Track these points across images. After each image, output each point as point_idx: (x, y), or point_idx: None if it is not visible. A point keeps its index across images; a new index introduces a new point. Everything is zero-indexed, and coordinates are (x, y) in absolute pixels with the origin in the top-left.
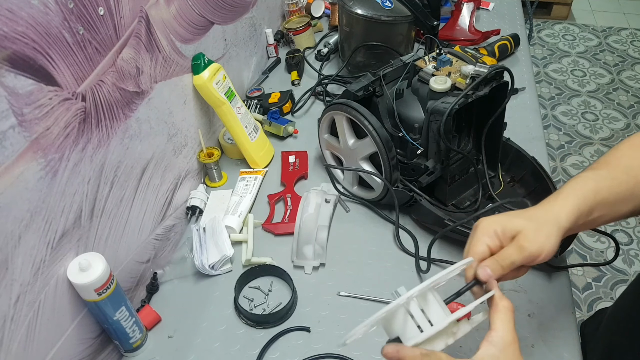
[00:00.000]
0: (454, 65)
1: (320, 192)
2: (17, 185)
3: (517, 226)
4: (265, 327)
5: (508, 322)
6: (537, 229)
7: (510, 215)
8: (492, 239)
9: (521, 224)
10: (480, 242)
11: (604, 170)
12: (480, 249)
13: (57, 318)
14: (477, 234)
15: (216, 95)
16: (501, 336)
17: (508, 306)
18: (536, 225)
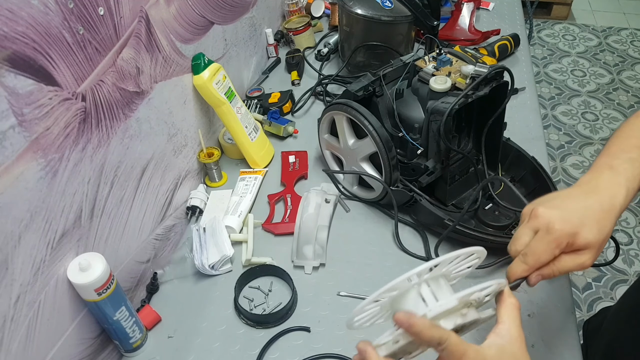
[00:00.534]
0: (454, 65)
1: (320, 192)
2: (17, 185)
3: (590, 240)
4: (265, 327)
5: (515, 318)
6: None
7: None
8: (560, 249)
9: (591, 238)
10: (548, 252)
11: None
12: (545, 259)
13: (57, 318)
14: (547, 239)
15: (216, 95)
16: (507, 329)
17: (515, 303)
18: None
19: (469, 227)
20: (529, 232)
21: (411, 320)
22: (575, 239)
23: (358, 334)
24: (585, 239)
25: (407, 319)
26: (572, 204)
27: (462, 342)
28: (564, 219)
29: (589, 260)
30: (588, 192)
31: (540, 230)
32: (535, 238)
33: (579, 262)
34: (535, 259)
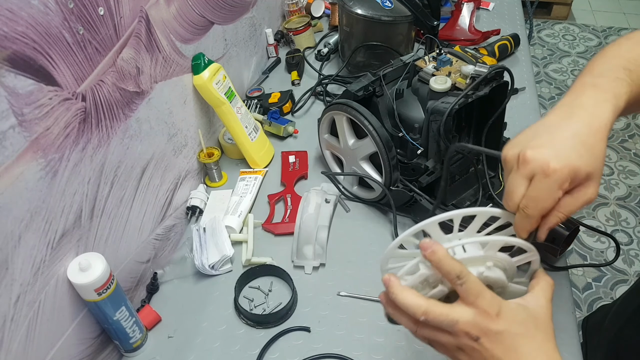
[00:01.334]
0: (454, 65)
1: (320, 192)
2: (17, 185)
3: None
4: (266, 327)
5: (545, 291)
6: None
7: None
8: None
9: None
10: (552, 197)
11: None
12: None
13: (57, 318)
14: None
15: (216, 95)
16: (535, 297)
17: (549, 281)
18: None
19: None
20: (523, 180)
21: (435, 247)
22: (577, 174)
23: (358, 334)
24: (586, 170)
25: (430, 244)
26: (560, 135)
27: (480, 283)
28: (558, 157)
29: (594, 191)
30: (572, 116)
31: (536, 176)
32: (532, 186)
33: (585, 199)
34: (539, 209)
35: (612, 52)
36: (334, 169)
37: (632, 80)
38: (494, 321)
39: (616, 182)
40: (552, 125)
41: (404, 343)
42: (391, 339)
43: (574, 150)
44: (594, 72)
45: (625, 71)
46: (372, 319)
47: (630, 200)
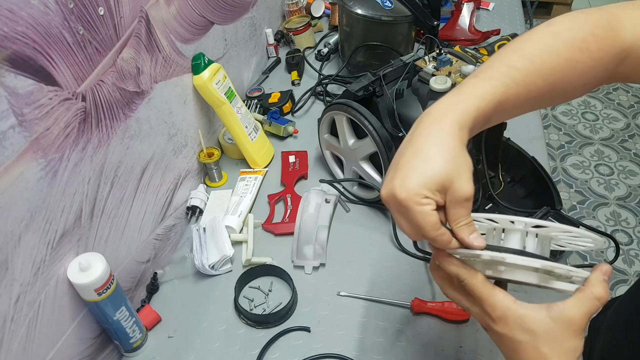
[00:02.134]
0: (454, 65)
1: (320, 192)
2: (17, 185)
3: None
4: (266, 327)
5: (584, 305)
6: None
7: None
8: (430, 204)
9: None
10: (428, 214)
11: (521, 73)
12: (432, 220)
13: (57, 318)
14: (414, 210)
15: (216, 95)
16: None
17: (597, 294)
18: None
19: None
20: (397, 216)
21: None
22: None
23: (358, 334)
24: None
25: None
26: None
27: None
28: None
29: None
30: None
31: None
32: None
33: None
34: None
35: (504, 49)
36: (334, 169)
37: (512, 79)
38: (495, 323)
39: (616, 182)
40: (397, 154)
41: (404, 343)
42: (391, 339)
43: (415, 169)
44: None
45: (506, 69)
46: (372, 319)
47: (630, 200)
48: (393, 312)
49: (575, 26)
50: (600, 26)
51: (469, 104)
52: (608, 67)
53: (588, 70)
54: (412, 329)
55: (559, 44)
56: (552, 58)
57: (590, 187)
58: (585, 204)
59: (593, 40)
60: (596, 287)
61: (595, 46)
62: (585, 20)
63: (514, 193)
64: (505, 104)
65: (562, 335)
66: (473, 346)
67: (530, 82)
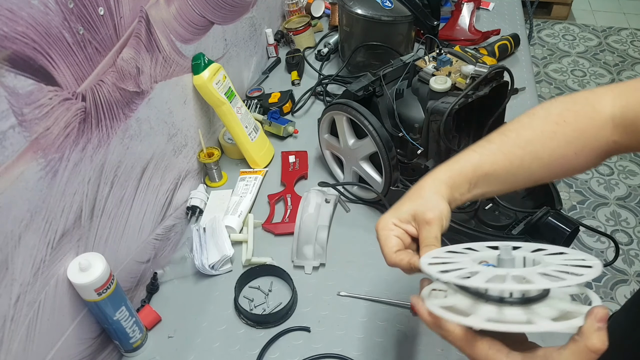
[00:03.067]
0: (454, 65)
1: (320, 192)
2: (17, 185)
3: (409, 209)
4: (266, 327)
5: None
6: (424, 203)
7: (398, 204)
8: (396, 230)
9: (411, 206)
10: (388, 238)
11: (496, 144)
12: (391, 242)
13: (57, 318)
14: (380, 235)
15: (216, 95)
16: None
17: (592, 347)
18: (422, 201)
19: (469, 227)
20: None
21: (418, 308)
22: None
23: (358, 334)
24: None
25: (417, 304)
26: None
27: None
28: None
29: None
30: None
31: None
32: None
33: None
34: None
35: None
36: (334, 169)
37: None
38: None
39: (616, 182)
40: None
41: (404, 343)
42: (391, 339)
43: (395, 207)
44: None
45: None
46: (372, 319)
47: (630, 200)
48: (393, 312)
49: (552, 105)
50: (577, 101)
51: (445, 166)
52: (597, 137)
53: (572, 139)
54: (412, 329)
55: (534, 120)
56: (527, 131)
57: (590, 187)
58: (585, 204)
59: (568, 114)
60: (590, 340)
61: (572, 118)
62: (561, 100)
63: (514, 193)
64: (482, 169)
65: None
66: None
67: (507, 151)
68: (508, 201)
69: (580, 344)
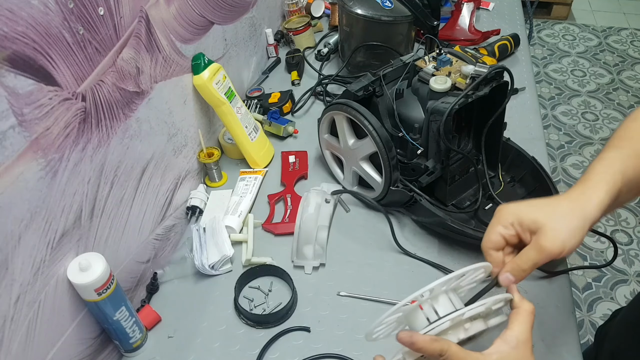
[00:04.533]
0: (454, 65)
1: (320, 192)
2: (17, 185)
3: (537, 221)
4: (265, 327)
5: (525, 323)
6: (559, 227)
7: (532, 205)
8: (508, 229)
9: (541, 219)
10: (495, 231)
11: (627, 148)
12: (494, 238)
13: (57, 318)
14: (493, 222)
15: (216, 95)
16: (515, 335)
17: (528, 309)
18: (558, 222)
19: (469, 227)
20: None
21: (413, 339)
22: (520, 217)
23: (358, 334)
24: (532, 216)
25: (409, 337)
26: (533, 199)
27: (462, 351)
28: (511, 204)
29: (542, 239)
30: (552, 199)
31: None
32: None
33: (535, 246)
34: (484, 240)
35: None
36: (334, 169)
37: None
38: None
39: None
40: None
41: None
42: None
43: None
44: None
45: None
46: (372, 319)
47: None
48: None
49: None
50: None
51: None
52: None
53: None
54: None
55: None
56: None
57: None
58: None
59: None
60: (524, 304)
61: None
62: None
63: (514, 193)
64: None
65: (527, 356)
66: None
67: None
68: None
69: (521, 310)
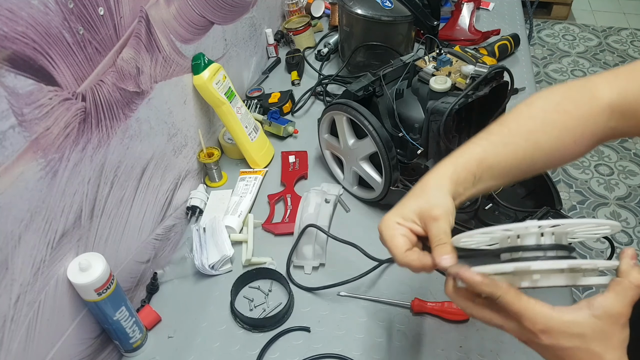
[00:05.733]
0: (454, 65)
1: (320, 192)
2: (17, 185)
3: (413, 207)
4: (262, 330)
5: (623, 295)
6: (429, 199)
7: (401, 203)
8: (401, 229)
9: (415, 203)
10: (395, 237)
11: (498, 136)
12: (399, 242)
13: (57, 318)
14: (385, 235)
15: (216, 95)
16: (605, 304)
17: (635, 281)
18: (427, 198)
19: (469, 227)
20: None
21: (460, 273)
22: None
23: (358, 334)
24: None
25: (456, 269)
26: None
27: (519, 300)
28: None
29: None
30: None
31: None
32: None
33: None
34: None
35: None
36: (334, 169)
37: (489, 141)
38: (537, 337)
39: (616, 182)
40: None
41: (404, 343)
42: (391, 339)
43: (398, 205)
44: None
45: (485, 135)
46: (372, 319)
47: (630, 200)
48: (393, 312)
49: (550, 94)
50: (574, 89)
51: (449, 161)
52: (596, 123)
53: (572, 127)
54: (412, 329)
55: (532, 109)
56: (528, 121)
57: (590, 187)
58: (585, 204)
59: (567, 102)
60: (632, 274)
61: (572, 106)
62: (558, 88)
63: (514, 193)
64: (486, 161)
65: (612, 331)
66: (473, 346)
67: (510, 142)
68: (508, 201)
69: (624, 281)
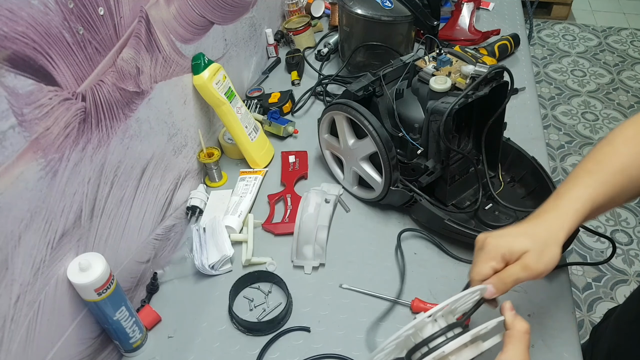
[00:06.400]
0: (454, 65)
1: (320, 192)
2: (17, 185)
3: (524, 247)
4: (258, 334)
5: (519, 344)
6: (542, 250)
7: (514, 234)
8: (499, 263)
9: (527, 245)
10: (487, 266)
11: (600, 173)
12: (485, 272)
13: (57, 318)
14: (483, 256)
15: (216, 95)
16: (508, 358)
17: (522, 329)
18: (541, 246)
19: (469, 227)
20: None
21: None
22: (512, 249)
23: (358, 334)
24: (519, 245)
25: None
26: (511, 229)
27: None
28: (495, 236)
29: (529, 260)
30: (528, 225)
31: (477, 250)
32: (474, 257)
33: (521, 264)
34: (474, 273)
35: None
36: (334, 169)
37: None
38: None
39: None
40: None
41: None
42: None
43: (513, 234)
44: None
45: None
46: (372, 319)
47: None
48: (393, 312)
49: (623, 129)
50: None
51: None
52: None
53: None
54: None
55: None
56: (620, 157)
57: None
58: None
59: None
60: (517, 324)
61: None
62: (630, 123)
63: (514, 193)
64: (597, 202)
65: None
66: None
67: (611, 180)
68: (508, 201)
69: (513, 332)
